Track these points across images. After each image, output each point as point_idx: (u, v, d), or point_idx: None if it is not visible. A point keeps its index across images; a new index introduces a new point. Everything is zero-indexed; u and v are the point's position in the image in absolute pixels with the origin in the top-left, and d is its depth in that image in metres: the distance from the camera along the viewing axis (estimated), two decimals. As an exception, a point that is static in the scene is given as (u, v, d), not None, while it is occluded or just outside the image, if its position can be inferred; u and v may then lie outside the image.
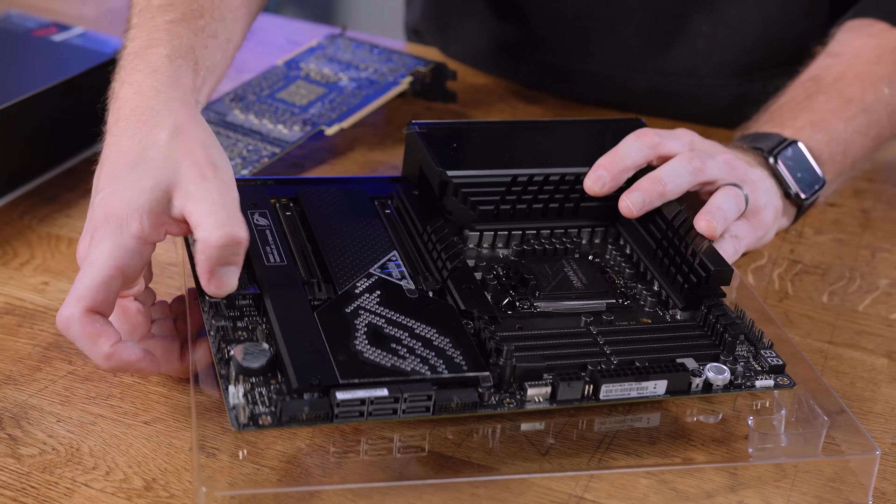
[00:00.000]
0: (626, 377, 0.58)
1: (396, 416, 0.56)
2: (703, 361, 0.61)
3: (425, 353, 0.58)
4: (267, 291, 0.61)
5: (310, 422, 0.54)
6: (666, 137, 0.71)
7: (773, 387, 0.61)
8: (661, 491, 0.59)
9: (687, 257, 0.65)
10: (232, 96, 0.94)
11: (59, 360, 0.65)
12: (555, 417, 0.63)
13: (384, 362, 0.57)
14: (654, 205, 0.68)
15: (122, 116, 0.64)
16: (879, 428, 0.65)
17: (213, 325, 0.59)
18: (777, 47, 0.98)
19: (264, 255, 0.64)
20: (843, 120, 0.82)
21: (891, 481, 0.61)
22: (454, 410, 0.56)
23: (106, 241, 0.59)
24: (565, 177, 0.70)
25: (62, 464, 0.58)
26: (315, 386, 0.55)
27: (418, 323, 0.60)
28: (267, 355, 0.57)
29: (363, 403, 0.55)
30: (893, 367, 0.70)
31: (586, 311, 0.65)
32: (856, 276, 0.79)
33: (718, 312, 0.63)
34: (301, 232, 0.68)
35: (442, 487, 0.58)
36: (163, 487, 0.57)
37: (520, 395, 0.58)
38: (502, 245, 0.70)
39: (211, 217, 0.58)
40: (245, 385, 0.56)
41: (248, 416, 0.54)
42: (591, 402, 0.59)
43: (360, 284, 0.63)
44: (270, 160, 0.85)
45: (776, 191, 0.77)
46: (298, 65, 0.98)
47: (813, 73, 0.85)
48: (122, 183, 0.60)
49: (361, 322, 0.60)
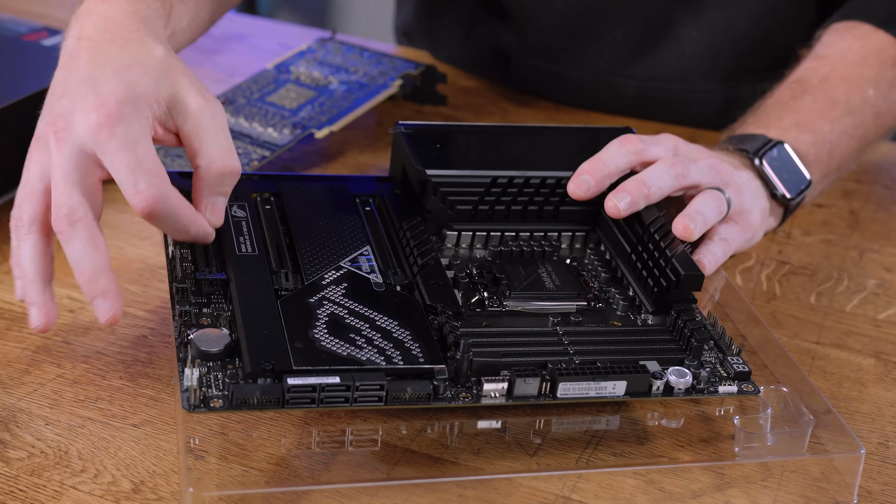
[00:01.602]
0: (584, 376, 0.59)
1: (348, 405, 0.56)
2: (668, 365, 0.61)
3: (383, 345, 0.58)
4: (233, 279, 0.62)
5: (261, 406, 0.55)
6: (650, 143, 0.72)
7: (736, 393, 0.61)
8: (648, 491, 0.60)
9: (659, 262, 0.65)
10: (222, 100, 0.94)
11: (48, 364, 0.65)
12: (541, 415, 0.63)
13: (340, 351, 0.58)
14: (639, 207, 0.69)
15: (103, 28, 0.62)
16: (866, 428, 0.66)
17: (178, 310, 0.60)
18: (765, 51, 0.98)
19: (236, 245, 0.64)
20: (829, 121, 0.82)
21: (877, 480, 0.62)
22: (407, 402, 0.57)
23: (133, 122, 0.58)
24: (546, 180, 0.70)
25: (50, 467, 0.58)
26: (268, 371, 0.55)
27: (381, 315, 0.61)
28: (226, 341, 0.58)
29: (314, 390, 0.55)
30: (880, 367, 0.71)
31: (556, 312, 0.65)
32: (843, 277, 0.79)
33: (687, 317, 0.63)
34: (278, 225, 0.68)
35: (430, 488, 0.58)
36: (151, 490, 0.57)
37: (476, 390, 0.58)
38: (480, 246, 0.70)
39: (213, 144, 0.59)
40: (202, 369, 0.57)
41: (199, 398, 0.55)
42: (548, 399, 0.59)
43: (328, 276, 0.63)
44: (260, 163, 0.85)
45: (763, 192, 0.77)
46: (289, 68, 0.98)
47: (799, 75, 0.86)
48: (123, 78, 0.59)
49: (323, 312, 0.60)
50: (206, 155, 0.60)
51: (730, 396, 0.62)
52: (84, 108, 0.59)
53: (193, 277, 0.63)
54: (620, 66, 0.99)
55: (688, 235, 0.67)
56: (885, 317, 0.75)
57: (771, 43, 0.98)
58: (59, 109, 0.60)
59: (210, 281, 0.62)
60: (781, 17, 0.97)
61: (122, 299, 0.59)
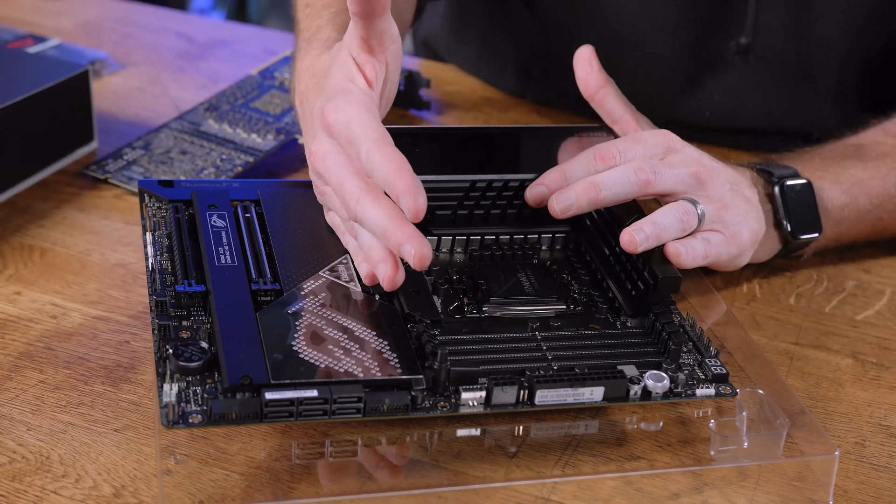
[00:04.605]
0: (562, 383, 0.59)
1: (327, 418, 0.56)
2: (646, 369, 0.61)
3: (361, 356, 0.59)
4: (212, 291, 0.62)
5: (240, 421, 0.55)
6: (629, 146, 0.69)
7: (714, 395, 0.62)
8: (626, 492, 0.60)
9: (637, 265, 0.66)
10: (206, 106, 0.94)
11: (30, 370, 0.66)
12: (520, 421, 0.63)
13: (318, 363, 0.58)
14: (584, 209, 0.67)
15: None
16: (843, 427, 0.66)
17: (157, 324, 0.60)
18: (787, 136, 0.95)
19: (216, 256, 0.65)
20: (868, 196, 0.79)
21: (853, 479, 0.62)
22: (386, 413, 0.57)
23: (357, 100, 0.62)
24: (524, 183, 0.70)
25: (32, 472, 0.59)
26: (246, 385, 0.56)
27: (359, 325, 0.61)
28: (206, 355, 0.58)
29: (292, 404, 0.56)
30: (858, 368, 0.71)
31: (535, 317, 0.65)
32: (823, 278, 0.80)
33: (665, 320, 0.64)
34: (257, 233, 0.69)
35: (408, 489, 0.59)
36: (132, 494, 0.58)
37: (454, 399, 0.59)
38: (461, 250, 0.71)
39: None
40: (181, 383, 0.57)
41: (178, 414, 0.55)
42: (526, 406, 0.59)
43: (306, 286, 0.64)
44: (244, 169, 0.86)
45: (762, 217, 0.73)
46: (273, 74, 0.99)
47: (859, 141, 0.82)
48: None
49: (302, 323, 0.60)
50: None
51: (707, 399, 0.62)
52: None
53: (173, 290, 0.63)
54: (641, 106, 0.97)
55: (630, 248, 0.65)
56: (863, 317, 0.76)
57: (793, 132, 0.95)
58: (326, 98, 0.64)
59: (189, 294, 0.62)
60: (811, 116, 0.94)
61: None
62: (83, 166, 0.87)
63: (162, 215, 0.70)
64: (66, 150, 0.88)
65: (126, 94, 1.00)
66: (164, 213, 0.70)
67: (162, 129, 0.92)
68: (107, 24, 1.14)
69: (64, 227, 0.80)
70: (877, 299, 0.78)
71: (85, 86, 0.87)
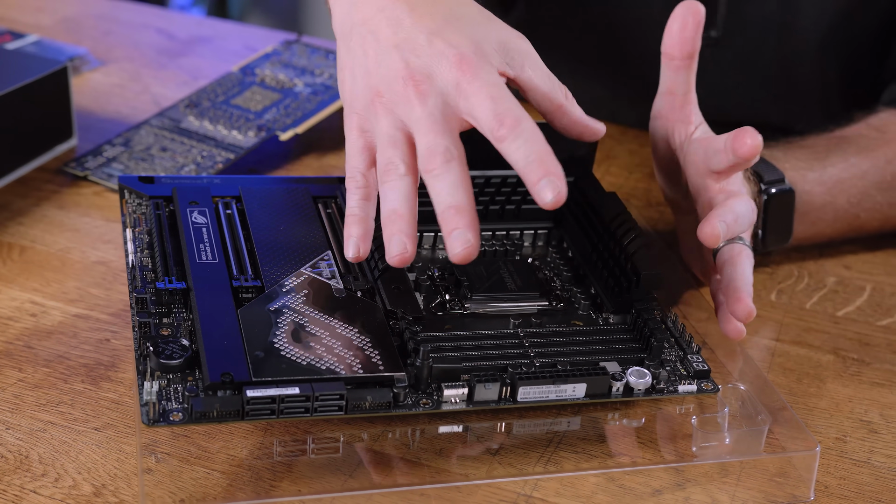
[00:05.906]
0: (544, 380, 0.59)
1: (309, 415, 0.56)
2: (628, 365, 0.61)
3: (343, 353, 0.59)
4: (193, 288, 0.62)
5: (221, 419, 0.55)
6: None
7: (696, 392, 0.62)
8: (608, 489, 0.60)
9: (619, 260, 0.66)
10: (187, 102, 0.94)
11: (9, 368, 0.65)
12: (503, 418, 0.63)
13: (300, 361, 0.58)
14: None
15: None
16: (824, 423, 0.66)
17: (137, 321, 0.60)
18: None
19: (196, 253, 0.64)
20: (846, 195, 0.79)
21: (834, 475, 0.62)
22: (368, 410, 0.57)
23: (489, 68, 0.61)
24: (507, 179, 0.70)
25: (10, 471, 0.58)
26: (227, 383, 0.56)
27: (341, 322, 0.61)
28: (187, 352, 0.58)
29: (274, 401, 0.55)
30: (839, 364, 0.71)
31: (518, 313, 0.65)
32: (804, 275, 0.80)
33: (647, 316, 0.64)
34: (238, 230, 0.68)
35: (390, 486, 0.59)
36: (112, 493, 0.57)
37: (437, 396, 0.59)
38: (443, 247, 0.70)
39: (550, 79, 0.66)
40: (161, 381, 0.57)
41: (158, 412, 0.55)
42: (508, 403, 0.59)
43: (288, 283, 0.63)
44: (225, 166, 0.86)
45: (754, 208, 0.72)
46: (254, 71, 0.99)
47: (844, 134, 0.82)
48: (463, 30, 0.63)
49: (284, 320, 0.60)
50: (560, 87, 0.64)
51: (689, 395, 0.62)
52: (443, 61, 0.61)
53: (154, 287, 0.63)
54: (624, 96, 0.96)
55: (712, 242, 0.66)
56: (844, 313, 0.76)
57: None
58: (415, 64, 0.62)
59: (170, 291, 0.62)
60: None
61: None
62: (62, 163, 0.86)
63: (142, 212, 0.69)
64: (46, 146, 0.87)
65: (106, 91, 0.99)
66: (145, 210, 0.70)
67: (142, 125, 0.91)
68: (87, 20, 1.14)
69: (43, 224, 0.79)
70: (857, 295, 0.78)
71: (64, 82, 0.86)
